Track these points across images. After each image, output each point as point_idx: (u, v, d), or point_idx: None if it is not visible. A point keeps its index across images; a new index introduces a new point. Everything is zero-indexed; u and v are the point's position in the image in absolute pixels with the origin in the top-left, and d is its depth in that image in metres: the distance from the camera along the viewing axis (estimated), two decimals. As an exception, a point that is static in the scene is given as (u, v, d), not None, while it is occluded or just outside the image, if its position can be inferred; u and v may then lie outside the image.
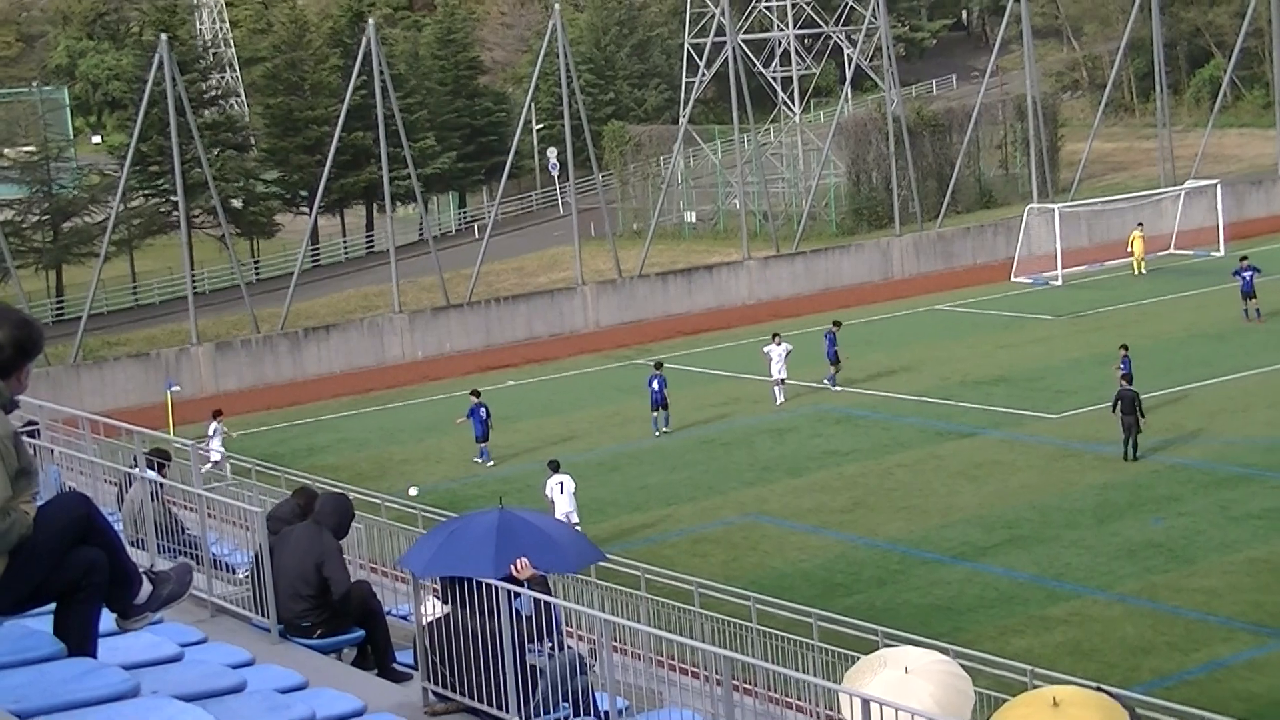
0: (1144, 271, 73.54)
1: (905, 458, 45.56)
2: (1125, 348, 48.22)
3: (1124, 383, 43.86)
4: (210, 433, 47.53)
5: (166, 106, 63.29)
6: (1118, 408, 43.25)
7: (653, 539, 39.56)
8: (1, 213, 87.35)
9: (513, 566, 12.89)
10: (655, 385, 51.11)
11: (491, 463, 48.60)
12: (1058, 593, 33.57)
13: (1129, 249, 74.56)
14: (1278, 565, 34.05)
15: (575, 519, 38.32)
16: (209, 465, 44.75)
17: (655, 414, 51.20)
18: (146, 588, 9.03)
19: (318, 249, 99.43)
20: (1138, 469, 42.05)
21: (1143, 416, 42.93)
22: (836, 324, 55.94)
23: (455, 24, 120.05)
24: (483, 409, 48.97)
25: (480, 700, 12.72)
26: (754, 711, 18.86)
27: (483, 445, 48.87)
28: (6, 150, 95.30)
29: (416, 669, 13.78)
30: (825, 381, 54.72)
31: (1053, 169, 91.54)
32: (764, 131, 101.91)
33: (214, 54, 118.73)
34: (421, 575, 13.98)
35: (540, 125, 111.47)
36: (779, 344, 53.36)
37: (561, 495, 38.61)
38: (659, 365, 52.71)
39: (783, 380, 53.29)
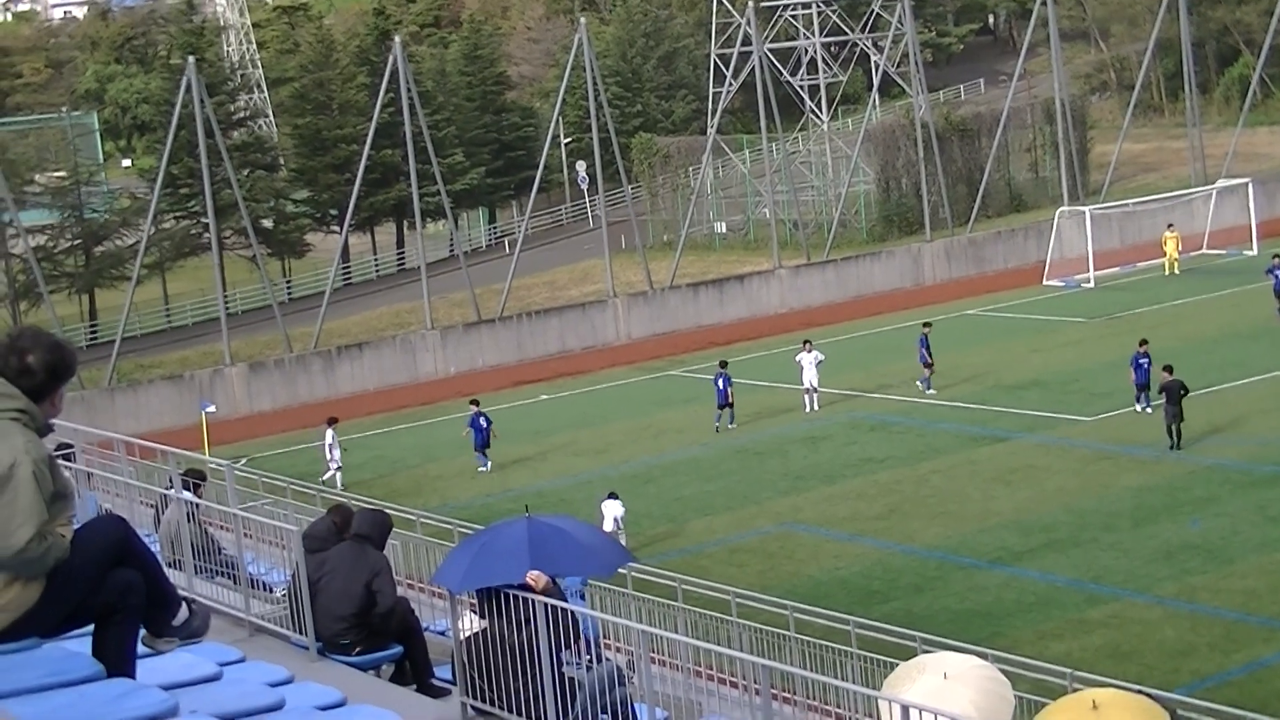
0: (1177, 272, 73.26)
1: (940, 464, 45.51)
2: (1144, 342, 48.63)
3: (1166, 374, 43.98)
4: (329, 441, 49.69)
5: (195, 129, 63.50)
6: (1162, 395, 43.67)
7: (689, 550, 39.56)
8: (34, 238, 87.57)
9: (528, 578, 12.85)
10: (720, 384, 51.97)
11: (483, 468, 49.85)
12: (1096, 596, 33.49)
13: (1162, 250, 74.41)
14: (1317, 564, 33.95)
15: (622, 524, 38.73)
16: (332, 472, 48.59)
17: (720, 412, 52.07)
18: (184, 612, 9.07)
19: (349, 267, 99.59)
20: (1174, 470, 41.93)
21: (1184, 394, 43.37)
22: (927, 325, 55.94)
23: (481, 40, 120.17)
24: (482, 418, 49.99)
25: (519, 714, 12.71)
26: (793, 720, 18.87)
27: (480, 453, 50.01)
28: (38, 176, 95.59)
29: (454, 684, 13.77)
30: (919, 384, 54.61)
31: (1083, 171, 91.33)
32: (792, 140, 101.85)
33: (241, 75, 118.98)
34: (458, 590, 13.95)
35: (568, 139, 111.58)
36: (810, 351, 53.36)
37: (613, 503, 39.36)
38: (724, 364, 53.31)
39: (815, 388, 53.27)
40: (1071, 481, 42.32)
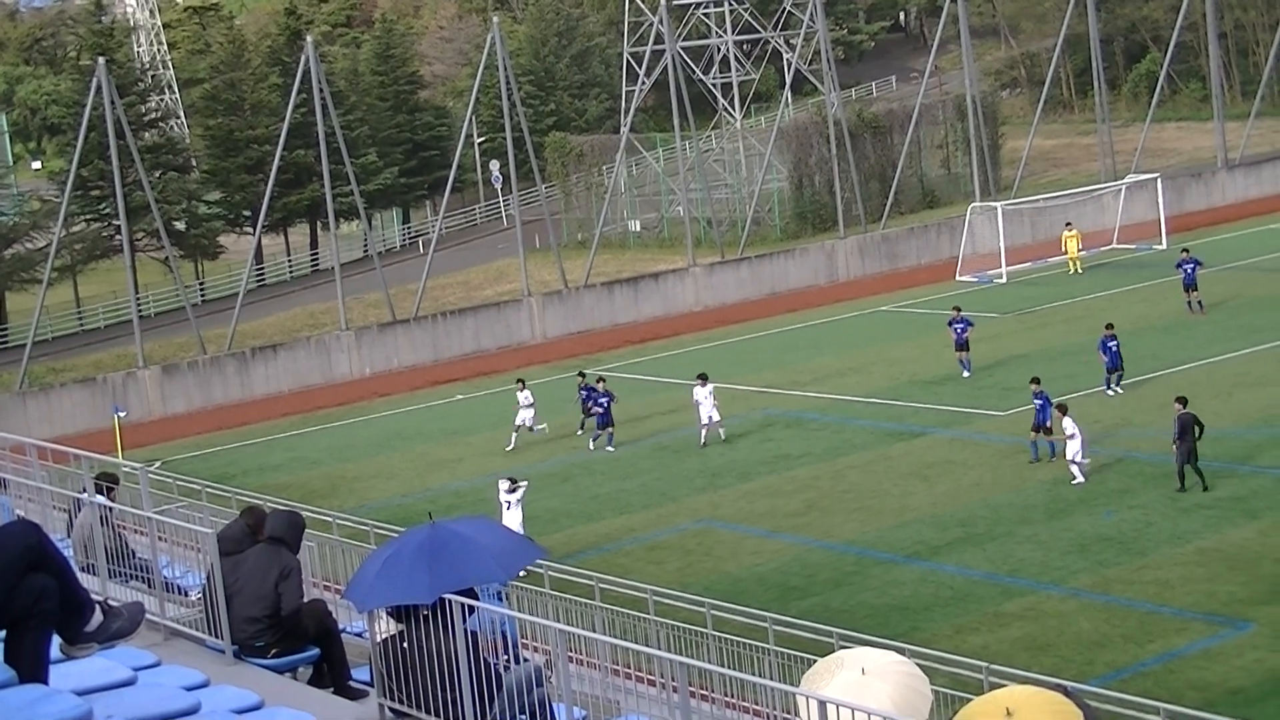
0: (1080, 271, 73.44)
1: (856, 459, 45.65)
2: (1111, 326, 50.48)
3: (1179, 405, 40.14)
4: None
5: (106, 130, 63.01)
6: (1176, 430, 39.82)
7: (607, 548, 39.55)
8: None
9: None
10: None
11: (610, 448, 50.10)
12: (1012, 589, 33.70)
13: (1063, 250, 74.61)
14: (1228, 554, 34.27)
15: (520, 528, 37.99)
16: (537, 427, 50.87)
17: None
18: (98, 617, 8.98)
19: (262, 268, 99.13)
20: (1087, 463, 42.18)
21: (1199, 437, 39.51)
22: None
23: (394, 39, 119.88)
24: (589, 391, 51.08)
25: (438, 715, 12.67)
26: (712, 717, 18.88)
27: (601, 432, 50.55)
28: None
29: (372, 686, 13.71)
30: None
31: (994, 167, 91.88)
32: (706, 138, 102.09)
33: (152, 76, 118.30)
34: (362, 609, 13.82)
35: (482, 138, 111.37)
36: (704, 385, 49.62)
37: (509, 511, 38.21)
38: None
39: (715, 420, 49.62)
40: (987, 476, 42.55)
